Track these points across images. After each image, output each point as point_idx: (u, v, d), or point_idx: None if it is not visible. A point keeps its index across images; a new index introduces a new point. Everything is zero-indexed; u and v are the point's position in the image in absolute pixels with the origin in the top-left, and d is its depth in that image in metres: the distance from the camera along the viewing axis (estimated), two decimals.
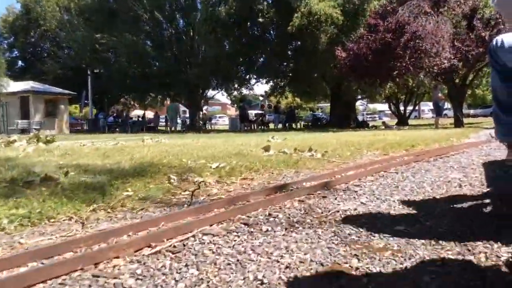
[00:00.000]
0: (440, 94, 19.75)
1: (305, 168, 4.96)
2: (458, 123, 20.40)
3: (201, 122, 37.65)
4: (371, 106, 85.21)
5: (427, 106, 57.61)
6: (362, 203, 3.04)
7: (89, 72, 36.98)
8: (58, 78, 37.19)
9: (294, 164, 5.14)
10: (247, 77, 31.64)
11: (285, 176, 4.46)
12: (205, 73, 28.96)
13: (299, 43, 28.02)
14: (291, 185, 3.68)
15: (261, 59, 29.14)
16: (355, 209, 2.85)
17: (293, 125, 30.33)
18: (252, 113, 43.21)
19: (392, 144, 7.48)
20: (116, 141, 11.03)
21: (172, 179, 3.91)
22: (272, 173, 4.66)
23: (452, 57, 19.21)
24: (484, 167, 4.84)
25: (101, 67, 35.66)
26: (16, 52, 41.72)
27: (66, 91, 30.87)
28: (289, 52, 29.60)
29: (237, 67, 30.11)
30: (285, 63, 30.00)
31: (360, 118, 46.62)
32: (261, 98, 47.04)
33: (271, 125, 32.45)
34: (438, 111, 20.00)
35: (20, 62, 41.97)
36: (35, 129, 26.78)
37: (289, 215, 2.73)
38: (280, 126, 31.09)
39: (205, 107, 55.62)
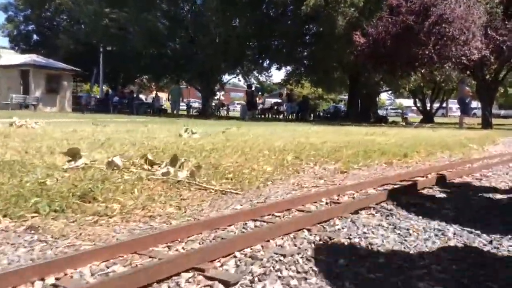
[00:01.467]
0: (467, 89, 16.98)
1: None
2: (486, 124, 17.62)
3: (213, 107, 35.49)
4: (397, 101, 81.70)
5: (455, 104, 53.92)
6: None
7: (101, 50, 35.13)
8: (70, 54, 35.38)
9: None
10: (260, 61, 29.04)
11: None
12: (214, 55, 26.59)
13: (315, 27, 25.41)
14: None
15: (275, 42, 26.52)
16: None
17: (307, 116, 27.79)
18: (271, 101, 40.95)
19: (374, 151, 5.14)
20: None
21: None
22: None
23: (484, 48, 16.37)
24: None
25: (114, 44, 33.76)
26: (33, 26, 40.05)
27: (70, 67, 28.93)
28: (305, 37, 26.96)
29: (248, 50, 27.57)
30: (300, 49, 27.33)
31: (381, 112, 43.85)
32: (279, 87, 44.43)
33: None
34: (463, 108, 17.30)
35: (35, 36, 40.32)
36: (32, 105, 25.14)
37: None
38: (293, 116, 28.64)
39: (221, 93, 53.56)
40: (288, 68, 30.74)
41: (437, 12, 15.91)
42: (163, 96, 54.09)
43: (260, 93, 37.17)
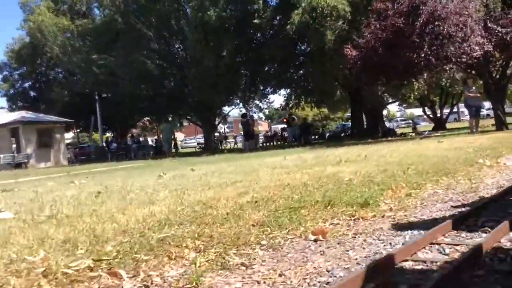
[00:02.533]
0: (470, 91, 15.16)
1: None
2: (499, 125, 15.70)
3: (215, 141, 34.08)
4: (408, 111, 79.59)
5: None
6: None
7: (96, 97, 34.18)
8: (67, 105, 34.57)
9: None
10: (253, 89, 27.60)
11: None
12: (205, 88, 25.23)
13: (304, 46, 23.99)
14: None
15: (266, 67, 25.05)
16: None
17: (310, 139, 26.06)
18: (278, 128, 39.43)
19: (312, 203, 3.45)
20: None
21: None
22: None
23: (486, 42, 14.60)
24: None
25: (107, 90, 32.83)
26: (29, 82, 39.49)
27: (62, 119, 27.83)
28: (296, 57, 25.49)
29: (240, 79, 26.14)
30: (292, 70, 25.81)
31: (390, 125, 41.93)
32: (283, 113, 42.88)
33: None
34: (470, 111, 15.50)
35: (32, 92, 39.64)
36: (23, 162, 23.93)
37: None
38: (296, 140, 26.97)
39: (225, 125, 52.20)
40: (284, 92, 29.33)
41: (428, 10, 14.24)
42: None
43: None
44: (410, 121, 58.14)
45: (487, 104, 27.75)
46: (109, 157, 27.01)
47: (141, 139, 35.49)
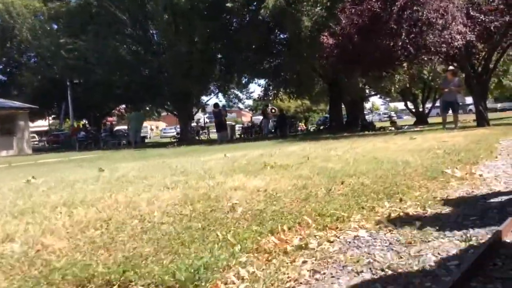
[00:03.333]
0: (453, 83, 13.96)
1: None
2: (481, 121, 14.55)
3: (192, 132, 32.64)
4: (391, 104, 78.88)
5: None
6: None
7: (68, 83, 32.50)
8: (38, 91, 32.77)
9: None
10: (229, 77, 26.13)
11: None
12: (179, 75, 23.77)
13: (282, 34, 22.67)
14: None
15: (242, 55, 23.58)
16: None
17: (286, 132, 24.79)
18: (260, 119, 38.08)
19: None
20: None
21: None
22: None
23: (468, 31, 13.38)
24: None
25: (79, 76, 31.15)
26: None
27: (26, 105, 26.13)
28: (273, 46, 24.09)
29: (213, 66, 24.64)
30: (269, 59, 24.40)
31: (371, 118, 40.96)
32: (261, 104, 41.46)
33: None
34: (440, 107, 14.50)
35: (2, 77, 37.67)
36: None
37: None
38: (273, 133, 25.70)
39: (205, 115, 50.57)
40: (263, 82, 28.00)
41: None
42: (148, 125, 51.44)
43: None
44: (394, 115, 57.39)
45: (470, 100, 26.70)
46: (76, 147, 25.53)
47: (117, 128, 33.85)
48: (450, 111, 13.96)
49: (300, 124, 37.70)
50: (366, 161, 4.15)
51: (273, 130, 25.99)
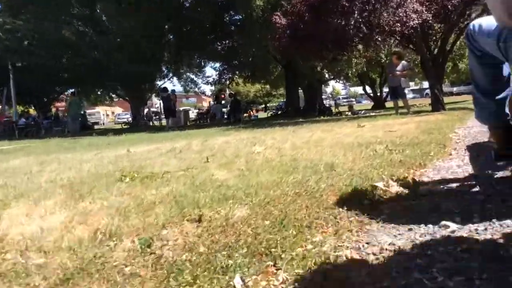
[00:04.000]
0: (403, 66, 13.15)
1: None
2: (436, 105, 13.75)
3: (144, 119, 31.05)
4: (352, 89, 78.75)
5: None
6: None
7: (10, 66, 30.12)
8: None
9: None
10: (178, 59, 24.63)
11: None
12: (126, 56, 22.15)
13: (234, 14, 21.36)
14: None
15: (192, 36, 22.11)
16: None
17: (241, 118, 23.59)
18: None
19: None
20: None
21: None
22: None
23: (424, 10, 12.48)
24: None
25: (21, 59, 28.88)
26: None
27: None
28: (225, 27, 22.73)
29: (162, 47, 23.09)
30: (223, 41, 23.07)
31: (329, 103, 40.33)
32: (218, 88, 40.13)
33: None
34: (391, 92, 13.81)
35: None
36: None
37: None
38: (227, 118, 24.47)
39: (159, 100, 48.74)
40: (218, 65, 26.66)
41: None
42: (100, 110, 49.13)
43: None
44: (353, 100, 57.09)
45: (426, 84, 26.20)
46: (16, 134, 23.67)
47: (61, 114, 31.72)
48: None
49: (252, 109, 36.79)
50: (279, 166, 2.95)
51: (225, 116, 24.77)
